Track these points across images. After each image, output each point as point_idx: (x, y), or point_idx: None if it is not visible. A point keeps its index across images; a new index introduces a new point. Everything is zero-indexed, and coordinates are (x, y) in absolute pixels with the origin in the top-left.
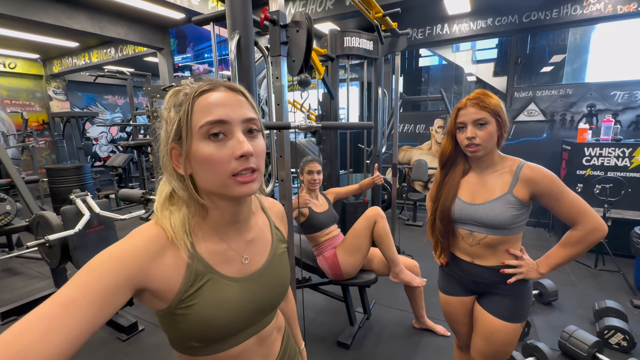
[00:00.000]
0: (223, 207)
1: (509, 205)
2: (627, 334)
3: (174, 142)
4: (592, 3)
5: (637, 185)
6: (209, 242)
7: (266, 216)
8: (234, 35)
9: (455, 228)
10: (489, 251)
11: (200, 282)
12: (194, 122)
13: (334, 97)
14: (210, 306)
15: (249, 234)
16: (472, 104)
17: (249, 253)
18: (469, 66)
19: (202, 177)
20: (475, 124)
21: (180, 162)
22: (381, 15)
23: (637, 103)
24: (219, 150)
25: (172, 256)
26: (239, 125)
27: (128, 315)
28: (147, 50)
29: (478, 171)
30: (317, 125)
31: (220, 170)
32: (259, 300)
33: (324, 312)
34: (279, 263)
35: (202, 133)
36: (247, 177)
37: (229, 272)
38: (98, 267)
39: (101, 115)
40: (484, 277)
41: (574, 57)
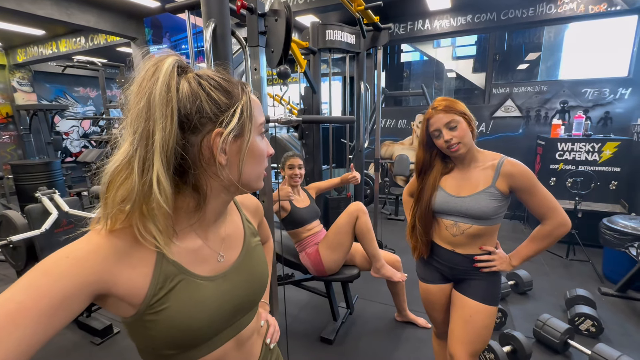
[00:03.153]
0: (223, 200)
1: (492, 197)
2: (595, 321)
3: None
4: (566, 2)
5: (605, 178)
6: (183, 240)
7: (238, 210)
8: (209, 24)
9: (440, 219)
10: (471, 240)
11: (171, 284)
12: (256, 118)
13: (316, 91)
14: (183, 309)
15: (224, 229)
16: (439, 111)
17: (224, 249)
18: (449, 62)
19: (248, 169)
20: (448, 127)
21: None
22: (363, 9)
23: (605, 100)
24: (267, 147)
25: (139, 256)
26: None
27: (102, 318)
28: (120, 40)
29: (462, 167)
30: (297, 119)
31: (263, 165)
32: (236, 297)
33: (307, 308)
34: (253, 257)
35: (259, 130)
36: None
37: (203, 270)
38: (54, 269)
39: (72, 108)
40: (463, 265)
41: (549, 55)
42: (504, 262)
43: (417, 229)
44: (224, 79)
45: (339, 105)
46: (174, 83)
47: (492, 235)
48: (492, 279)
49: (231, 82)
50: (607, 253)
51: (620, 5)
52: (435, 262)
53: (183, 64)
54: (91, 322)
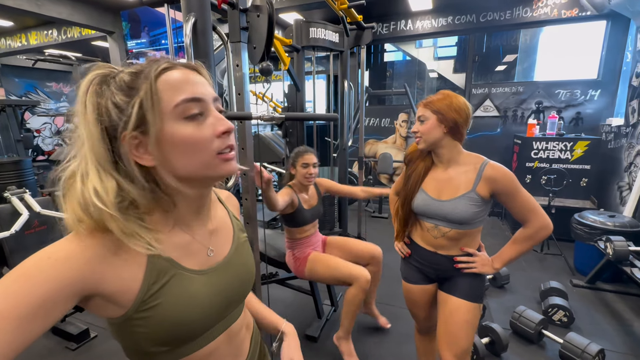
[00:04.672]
0: (191, 195)
1: (472, 202)
2: (567, 311)
3: (134, 130)
4: (540, 7)
5: (577, 176)
6: (172, 235)
7: (224, 206)
8: (189, 18)
9: (421, 221)
10: (452, 243)
11: (164, 278)
12: (165, 102)
13: (300, 89)
14: (177, 304)
15: (211, 224)
16: (422, 103)
17: (214, 244)
18: (431, 62)
19: (180, 163)
20: (419, 120)
21: (142, 152)
22: (346, 7)
23: (577, 101)
24: (199, 129)
25: (128, 253)
26: (212, 103)
27: (78, 322)
28: (95, 34)
29: (442, 167)
30: (280, 116)
31: (204, 151)
32: (227, 291)
33: (292, 307)
34: (243, 251)
35: (177, 113)
36: (230, 155)
37: (194, 265)
38: (34, 271)
39: (44, 104)
40: (445, 266)
41: (525, 57)
42: (485, 265)
43: (399, 215)
44: (132, 72)
45: (323, 104)
46: (91, 99)
47: (474, 238)
48: (475, 276)
49: (137, 74)
50: (578, 247)
51: (590, 10)
52: (418, 262)
53: (108, 73)
54: (66, 327)
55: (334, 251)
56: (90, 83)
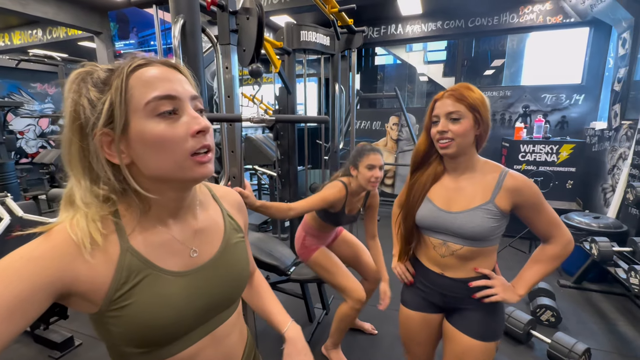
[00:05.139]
0: (167, 195)
1: (490, 215)
2: (555, 311)
3: (105, 126)
4: (526, 13)
5: (563, 178)
6: (149, 233)
7: (218, 205)
8: (177, 20)
9: (426, 237)
10: (463, 263)
11: (135, 279)
12: (136, 98)
13: (291, 91)
14: (148, 306)
15: (196, 222)
16: (449, 95)
17: (198, 244)
18: (421, 66)
19: (151, 162)
20: (449, 118)
21: (113, 150)
22: (337, 11)
23: (562, 105)
24: (172, 128)
25: (101, 251)
26: (189, 101)
27: (62, 330)
28: (82, 34)
29: (454, 175)
30: (270, 118)
31: (177, 150)
32: (211, 295)
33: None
34: (233, 253)
35: (148, 111)
36: (205, 157)
37: (174, 265)
38: (9, 271)
39: (27, 105)
40: (454, 291)
41: (512, 62)
42: (507, 290)
43: (401, 230)
44: (108, 69)
45: (314, 107)
46: (69, 97)
47: (488, 257)
48: (492, 309)
49: (113, 71)
50: None
51: (574, 17)
52: (423, 285)
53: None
54: (49, 335)
55: (342, 247)
56: (71, 81)
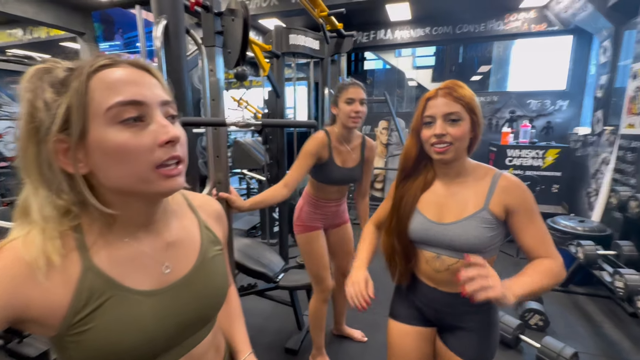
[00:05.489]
0: (133, 208)
1: (485, 224)
2: (543, 315)
3: (60, 132)
4: (512, 21)
5: (548, 182)
6: (115, 249)
7: (195, 215)
8: (160, 20)
9: (418, 250)
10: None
11: (97, 301)
12: (97, 103)
13: (279, 95)
14: (112, 330)
15: (170, 234)
16: (444, 93)
17: (171, 259)
18: (410, 71)
19: (112, 174)
20: (447, 119)
21: (69, 158)
22: (326, 15)
23: (547, 110)
24: (137, 136)
25: (58, 272)
26: (158, 107)
27: (37, 343)
28: (65, 34)
29: (445, 181)
30: (256, 123)
31: (140, 162)
32: (185, 313)
33: (271, 319)
34: (210, 268)
35: (110, 117)
36: (174, 170)
37: (143, 284)
38: None
39: (7, 107)
40: (450, 307)
41: (498, 68)
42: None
43: (397, 250)
44: (69, 67)
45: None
46: (25, 97)
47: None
48: (488, 326)
49: (73, 70)
50: None
51: (557, 25)
52: (418, 300)
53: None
54: (23, 349)
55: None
56: (27, 79)
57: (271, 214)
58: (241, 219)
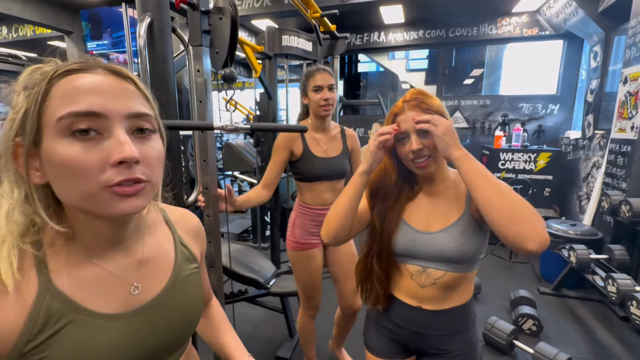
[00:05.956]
0: (98, 226)
1: (471, 228)
2: (536, 320)
3: (20, 136)
4: (504, 25)
5: (540, 186)
6: (79, 269)
7: (170, 230)
8: (144, 18)
9: (402, 264)
10: (445, 293)
11: (55, 327)
12: (50, 111)
13: (271, 97)
14: (71, 358)
15: (141, 252)
16: (412, 106)
17: (142, 278)
18: (403, 74)
19: (60, 188)
20: (420, 132)
21: (21, 162)
22: (319, 16)
23: (539, 114)
24: (87, 152)
25: (13, 293)
26: (122, 121)
27: None
28: (51, 33)
29: (428, 190)
30: (245, 127)
31: (87, 180)
32: (154, 339)
33: (262, 326)
34: (184, 288)
35: (61, 127)
36: (129, 189)
37: (108, 307)
38: None
39: None
40: (431, 328)
41: (490, 72)
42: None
43: (375, 272)
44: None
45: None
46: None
47: (470, 285)
48: (470, 351)
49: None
50: (544, 255)
51: (548, 30)
52: (391, 324)
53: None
54: None
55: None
56: (26, 74)
57: (263, 217)
58: (232, 222)
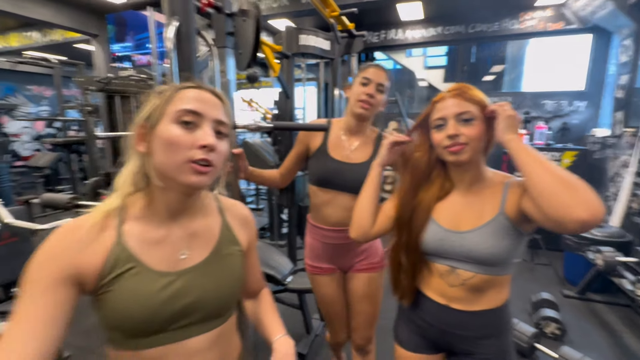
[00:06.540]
0: (171, 194)
1: (504, 230)
2: (559, 323)
3: (145, 121)
4: (527, 19)
5: None
6: (145, 230)
7: (220, 215)
8: (171, 22)
9: (431, 263)
10: (474, 295)
11: (120, 269)
12: (171, 107)
13: (289, 96)
14: (124, 297)
15: (193, 226)
16: (454, 95)
17: (190, 247)
18: (420, 71)
19: (160, 157)
20: (459, 119)
21: (143, 140)
22: (337, 15)
23: (563, 111)
24: (185, 135)
25: (100, 242)
26: (210, 122)
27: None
28: (79, 37)
29: (462, 190)
30: (267, 126)
31: (179, 153)
32: (186, 300)
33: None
34: (222, 263)
35: (174, 117)
36: (202, 168)
37: (159, 264)
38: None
39: (23, 107)
40: (460, 328)
41: (512, 68)
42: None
43: (403, 265)
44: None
45: (313, 111)
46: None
47: (504, 289)
48: (501, 356)
49: (170, 85)
50: (568, 257)
51: (575, 24)
52: (421, 320)
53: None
54: None
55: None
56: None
57: (280, 215)
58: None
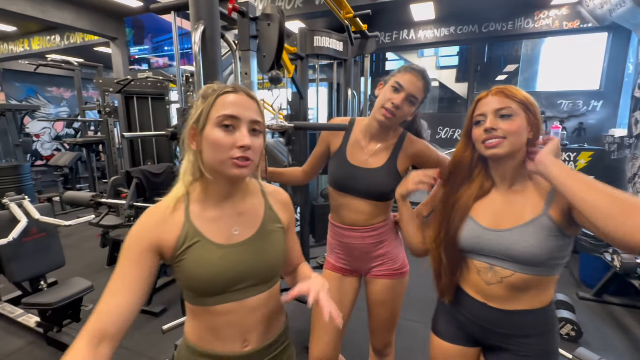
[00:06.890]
0: (220, 182)
1: (546, 232)
2: (575, 325)
3: (195, 124)
4: (542, 18)
5: None
6: (205, 211)
7: (264, 198)
8: (198, 26)
9: (469, 259)
10: (513, 294)
11: (189, 242)
12: (213, 112)
13: (303, 96)
14: (194, 264)
15: (242, 206)
16: (496, 92)
17: (240, 225)
18: (432, 71)
19: (207, 155)
20: (497, 114)
21: (194, 139)
22: (352, 16)
23: (579, 111)
24: (226, 137)
25: (174, 221)
26: (247, 123)
27: (74, 333)
28: (98, 40)
29: (502, 188)
30: (289, 125)
31: (222, 152)
32: (239, 268)
33: (292, 318)
34: (266, 238)
35: (217, 121)
36: (242, 162)
37: (217, 238)
38: (127, 245)
39: (44, 108)
40: (499, 325)
41: (526, 67)
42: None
43: (443, 262)
44: (214, 89)
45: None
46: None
47: (547, 291)
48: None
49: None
50: (583, 258)
51: (591, 22)
52: (460, 315)
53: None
54: (62, 338)
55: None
56: (202, 90)
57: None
58: None
